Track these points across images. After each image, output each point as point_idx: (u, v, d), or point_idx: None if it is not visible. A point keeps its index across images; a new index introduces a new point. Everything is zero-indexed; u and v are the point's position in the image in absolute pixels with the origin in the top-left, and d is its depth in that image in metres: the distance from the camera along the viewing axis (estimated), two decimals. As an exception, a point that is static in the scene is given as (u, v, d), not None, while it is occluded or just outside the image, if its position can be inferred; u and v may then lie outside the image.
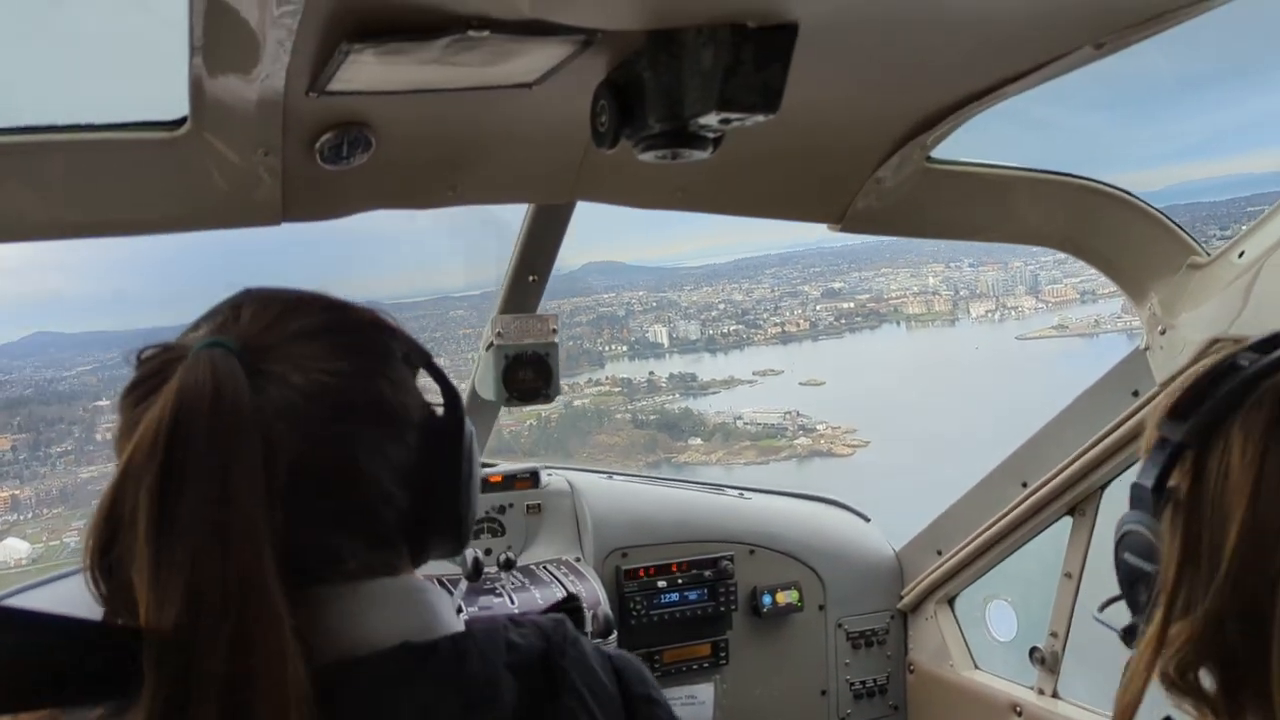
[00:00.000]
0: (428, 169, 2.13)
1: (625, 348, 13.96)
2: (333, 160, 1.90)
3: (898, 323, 15.29)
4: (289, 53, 1.47)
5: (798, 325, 15.13)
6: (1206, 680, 1.11)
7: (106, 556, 1.04)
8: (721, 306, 15.13)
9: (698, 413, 14.49)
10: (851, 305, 15.45)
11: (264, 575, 1.01)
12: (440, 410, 1.23)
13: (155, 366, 1.09)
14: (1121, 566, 1.25)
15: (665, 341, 14.03)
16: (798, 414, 14.09)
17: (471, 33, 1.47)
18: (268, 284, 1.22)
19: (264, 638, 1.00)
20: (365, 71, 1.58)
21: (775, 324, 15.15)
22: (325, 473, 1.09)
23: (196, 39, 1.47)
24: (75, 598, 1.08)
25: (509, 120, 2.01)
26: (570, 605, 1.88)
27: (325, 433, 1.09)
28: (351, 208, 2.16)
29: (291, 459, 1.05)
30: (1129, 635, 1.27)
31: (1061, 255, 2.80)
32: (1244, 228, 2.43)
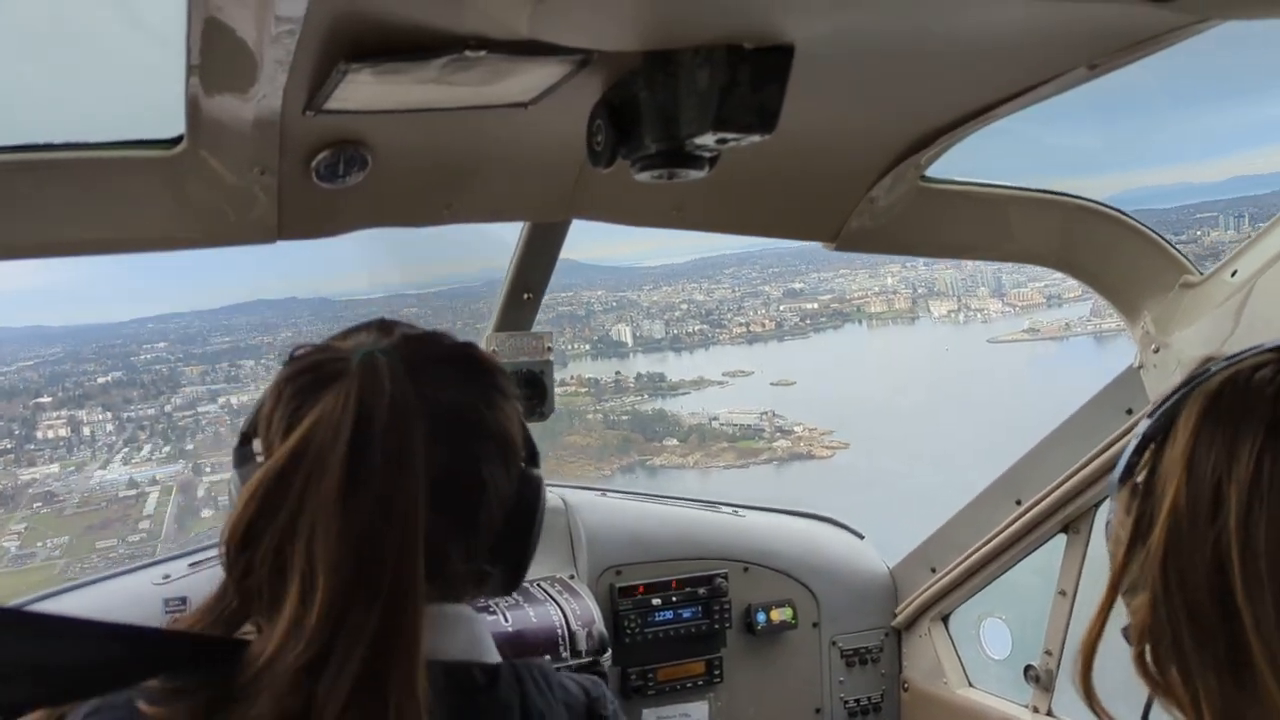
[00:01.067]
0: (424, 187, 2.14)
1: (588, 346, 13.94)
2: (329, 178, 1.91)
3: (860, 322, 15.37)
4: (286, 72, 1.47)
5: (763, 325, 15.19)
6: (1171, 670, 1.14)
7: (250, 533, 1.15)
8: (684, 306, 15.19)
9: (672, 413, 14.49)
10: (815, 305, 15.52)
11: (418, 554, 1.14)
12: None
13: (315, 362, 1.23)
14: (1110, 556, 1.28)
15: (629, 341, 14.04)
16: (774, 415, 14.10)
17: (469, 53, 1.47)
18: (206, 270, 1.34)
19: (407, 623, 1.13)
20: (362, 91, 1.59)
21: (740, 324, 15.22)
22: (459, 481, 1.23)
23: (194, 59, 1.47)
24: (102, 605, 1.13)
25: (505, 139, 2.02)
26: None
27: (463, 447, 1.24)
28: (347, 226, 2.16)
29: (436, 463, 1.18)
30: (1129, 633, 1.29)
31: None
32: (1232, 245, 2.45)
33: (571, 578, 3.41)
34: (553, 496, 3.57)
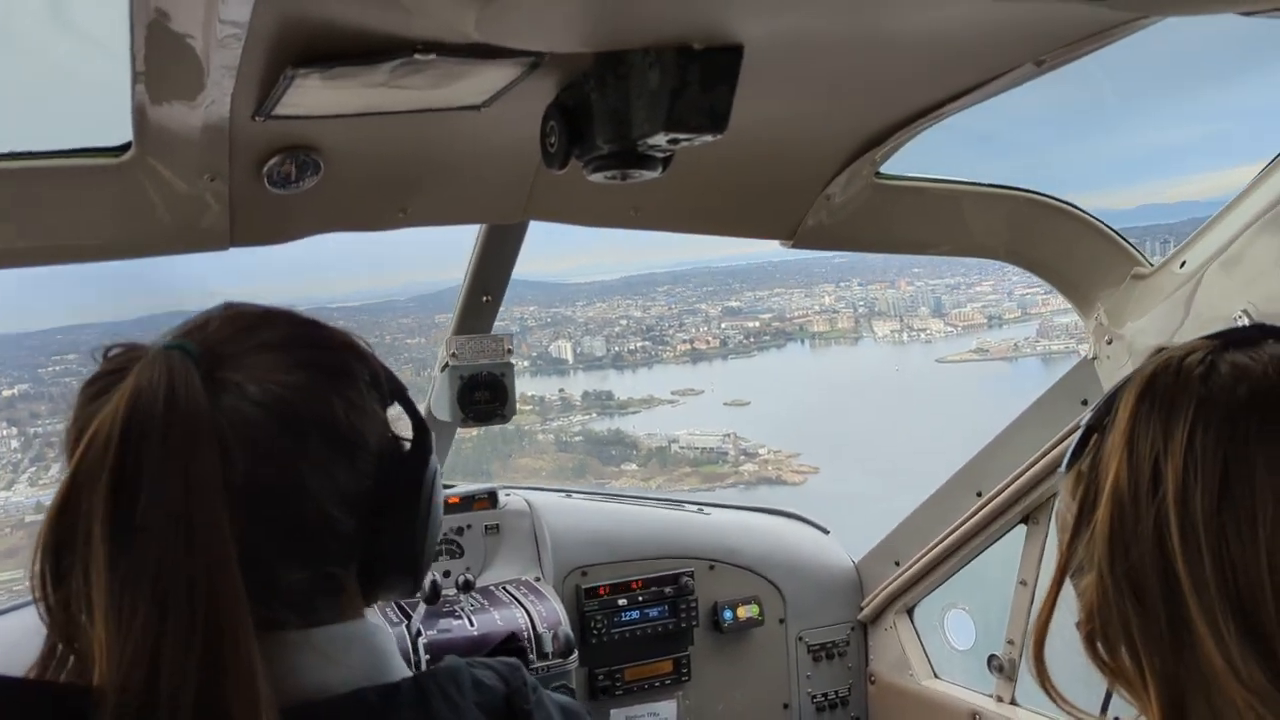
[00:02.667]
0: (378, 191, 2.12)
1: (527, 363, 13.62)
2: (281, 184, 1.89)
3: (803, 341, 15.32)
4: (233, 78, 1.45)
5: (707, 343, 15.06)
6: (1120, 652, 1.16)
7: (58, 567, 1.00)
8: (623, 323, 15.01)
9: (629, 434, 14.15)
10: (757, 324, 15.44)
11: (233, 578, 0.98)
12: (408, 445, 1.20)
13: (116, 364, 1.07)
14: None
15: (570, 358, 13.80)
16: (736, 436, 13.93)
17: (418, 56, 1.46)
18: (118, 280, 1.21)
19: (236, 653, 0.98)
20: (312, 96, 1.57)
21: (684, 341, 15.07)
22: (270, 487, 1.06)
23: (139, 65, 1.45)
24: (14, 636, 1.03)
25: (459, 141, 2.01)
26: (514, 645, 1.84)
27: (272, 446, 1.06)
28: (301, 231, 2.14)
29: (241, 469, 1.03)
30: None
31: (955, 280, 2.86)
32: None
33: (537, 579, 3.40)
34: (517, 499, 3.57)
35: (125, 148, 1.77)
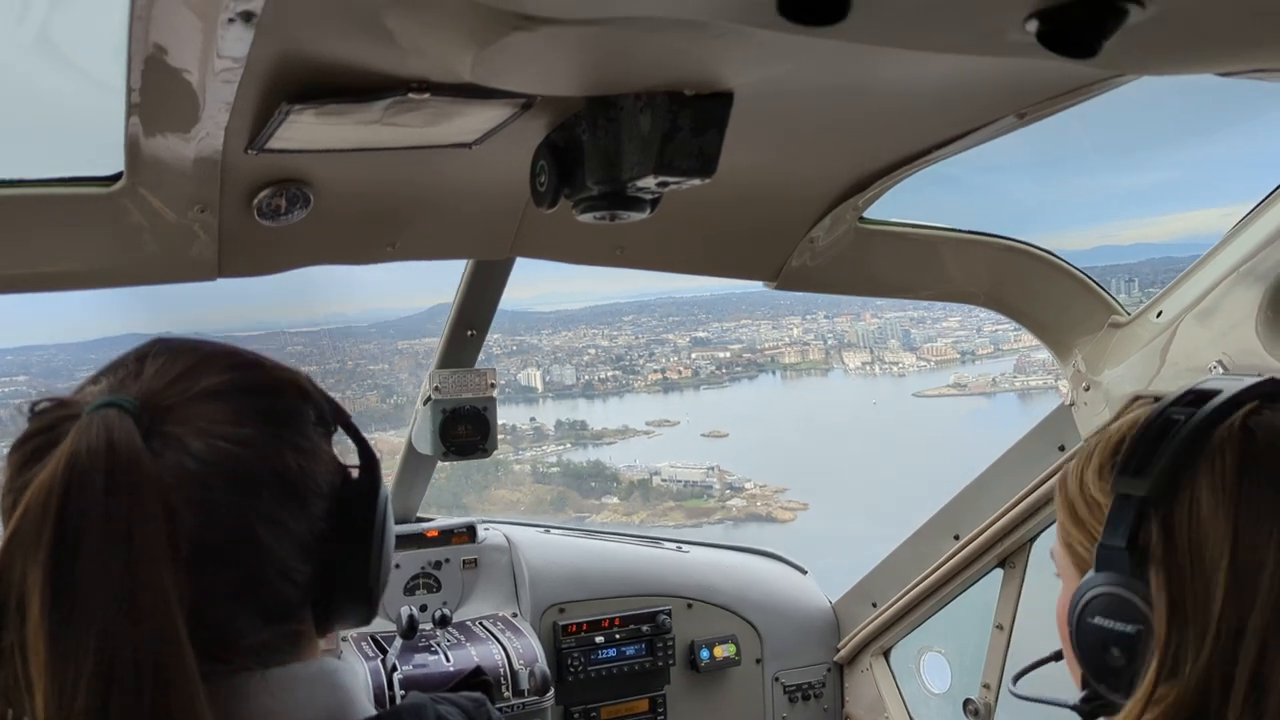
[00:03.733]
0: (367, 225, 2.14)
1: (495, 391, 13.39)
2: (271, 217, 1.90)
3: (774, 372, 15.23)
4: (228, 112, 1.47)
5: (679, 373, 14.93)
6: None
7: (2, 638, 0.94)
8: (592, 351, 14.85)
9: (608, 466, 13.88)
10: (727, 354, 15.35)
11: (180, 651, 0.94)
12: (355, 472, 1.17)
13: (47, 423, 1.02)
14: (1088, 631, 1.20)
15: (539, 386, 13.62)
16: (719, 470, 13.74)
17: (412, 95, 1.48)
18: (71, 302, 1.13)
19: (185, 717, 0.94)
20: (305, 131, 1.59)
21: (655, 371, 14.93)
22: (222, 546, 1.01)
23: (134, 98, 1.47)
24: None
25: (449, 178, 2.03)
26: (479, 679, 1.79)
27: (223, 503, 1.01)
28: (289, 263, 2.15)
29: (191, 528, 0.98)
30: (1091, 704, 1.24)
31: (919, 314, 2.91)
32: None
33: (514, 615, 3.39)
34: (496, 533, 3.55)
35: (116, 178, 1.78)
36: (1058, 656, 1.40)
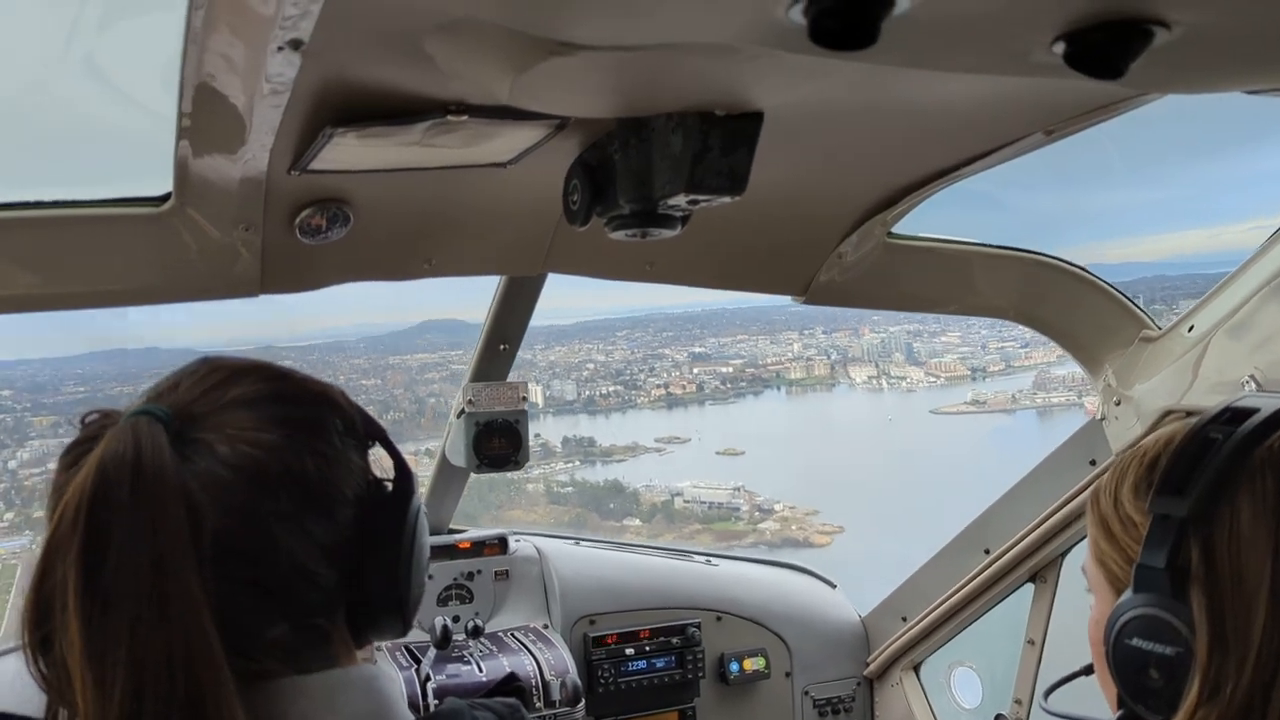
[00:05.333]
0: (404, 243, 2.18)
1: (526, 404, 13.04)
2: (312, 235, 1.95)
3: (779, 388, 14.93)
4: (274, 135, 1.52)
5: (683, 388, 14.63)
6: None
7: (42, 637, 1.02)
8: (590, 367, 14.58)
9: (626, 486, 13.33)
10: (730, 369, 15.07)
11: (209, 643, 0.98)
12: (390, 485, 1.21)
13: (91, 432, 1.08)
14: (1126, 651, 1.19)
15: (540, 401, 13.41)
16: (745, 490, 13.21)
17: (450, 117, 1.52)
18: (56, 316, 1.18)
19: (220, 716, 0.98)
20: (347, 152, 1.63)
21: (658, 386, 14.63)
22: (243, 546, 1.06)
23: (184, 122, 1.52)
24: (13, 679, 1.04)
25: (484, 197, 2.07)
26: (514, 685, 1.82)
27: (244, 505, 1.06)
28: (328, 280, 2.20)
29: (214, 530, 1.02)
30: None
31: (916, 328, 2.91)
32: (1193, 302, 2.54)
33: (545, 627, 3.41)
34: (527, 545, 3.59)
35: (165, 198, 1.83)
36: (1089, 671, 1.40)
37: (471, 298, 2.88)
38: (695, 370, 14.86)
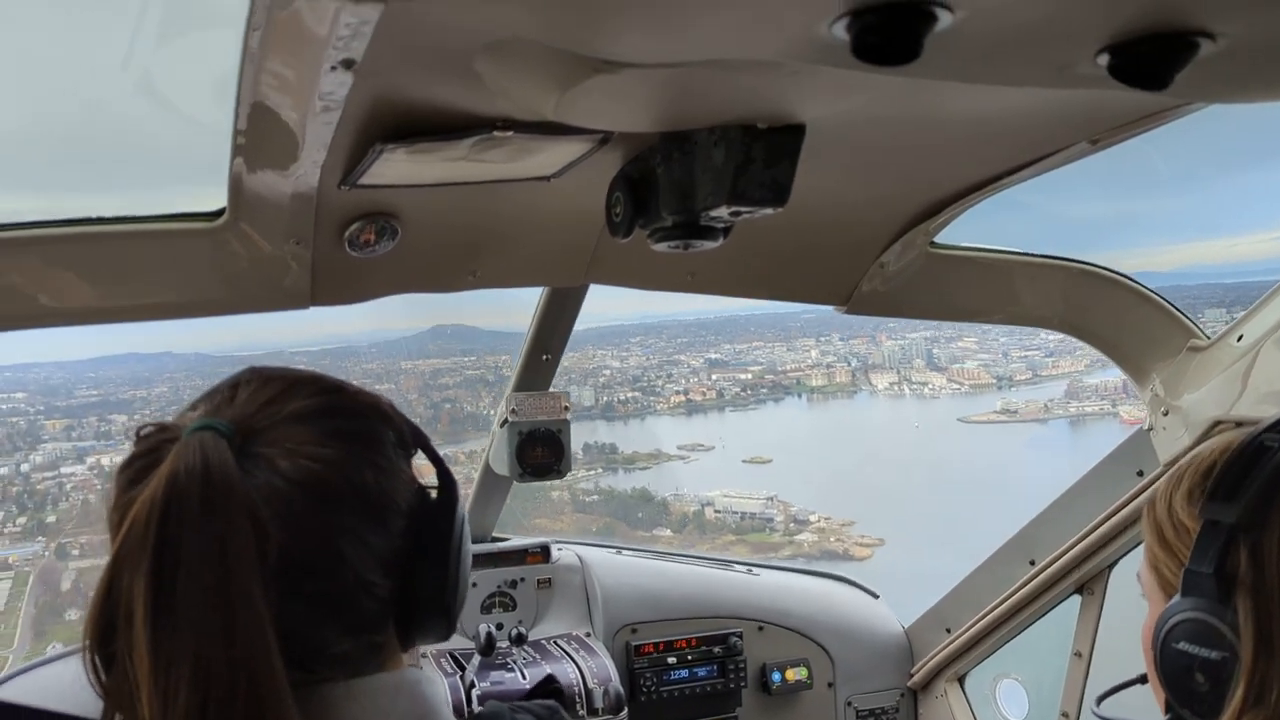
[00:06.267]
0: (450, 255, 2.22)
1: (569, 414, 12.81)
2: (361, 248, 1.99)
3: (799, 394, 14.68)
4: (325, 151, 1.55)
5: (702, 394, 14.42)
6: None
7: (106, 647, 1.03)
8: (606, 373, 14.43)
9: (654, 495, 13.07)
10: (749, 376, 14.84)
11: (270, 658, 1.01)
12: (434, 492, 1.23)
13: (150, 445, 1.09)
14: (1172, 655, 1.20)
15: None
16: (779, 501, 12.95)
17: (497, 133, 1.56)
18: None
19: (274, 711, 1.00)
20: (395, 167, 1.67)
21: (677, 393, 14.40)
22: (307, 560, 1.08)
23: (239, 140, 1.56)
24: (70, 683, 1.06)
25: (528, 209, 2.10)
26: (551, 687, 1.84)
27: (307, 520, 1.08)
28: (377, 292, 2.24)
29: (278, 544, 1.04)
30: None
31: (932, 334, 2.88)
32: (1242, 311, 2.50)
33: (588, 635, 3.43)
34: (569, 553, 3.61)
35: (219, 213, 1.88)
36: (1143, 679, 1.40)
37: (480, 304, 2.90)
38: (714, 376, 14.70)
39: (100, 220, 1.87)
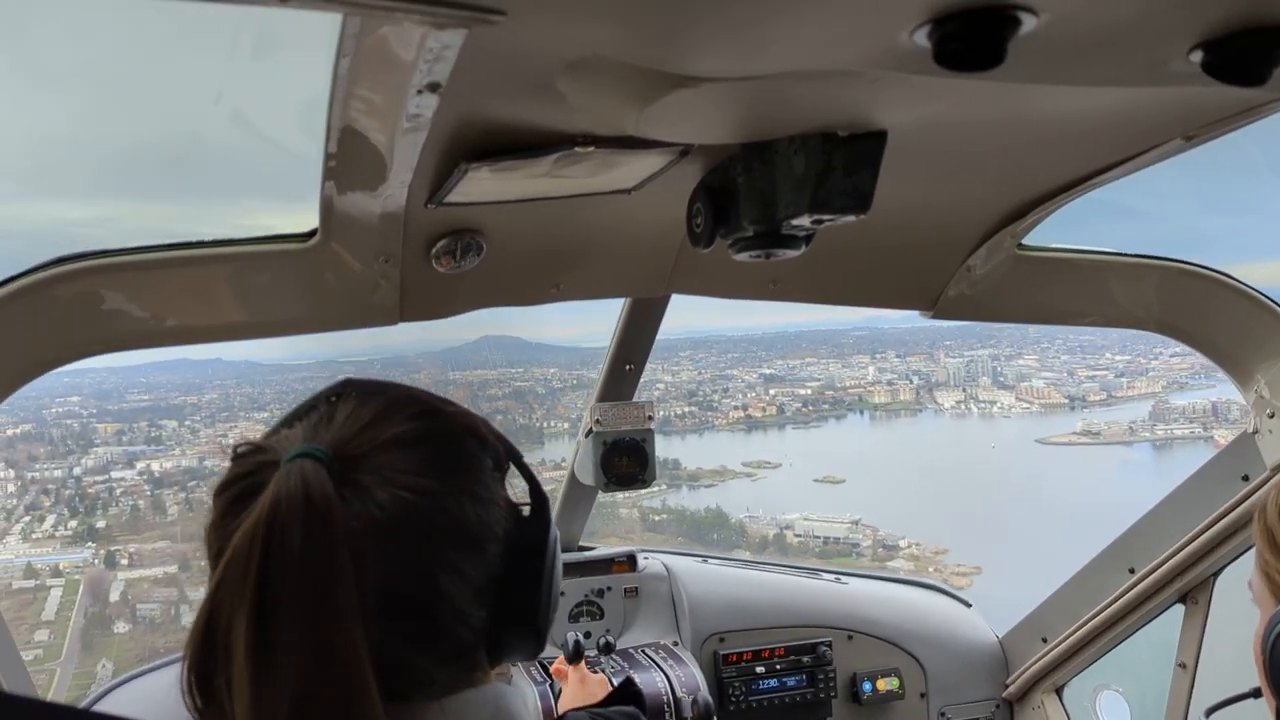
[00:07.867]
0: (534, 269, 2.25)
1: (567, 425, 12.78)
2: (447, 264, 2.03)
3: (861, 411, 14.30)
4: (412, 171, 1.60)
5: (762, 410, 14.12)
6: None
7: (205, 674, 1.04)
8: (661, 386, 14.18)
9: (728, 515, 12.74)
10: (808, 391, 14.49)
11: (369, 693, 1.00)
12: (525, 509, 1.23)
13: (248, 468, 1.09)
14: None
15: None
16: (866, 525, 12.55)
17: (578, 148, 1.58)
18: None
19: None
20: (480, 185, 1.71)
21: (736, 408, 14.09)
22: (406, 594, 1.08)
23: (331, 163, 1.61)
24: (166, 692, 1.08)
25: (609, 222, 2.12)
26: (631, 690, 1.85)
27: (406, 553, 1.07)
28: (463, 307, 2.29)
29: (376, 579, 1.04)
30: None
31: (990, 351, 2.80)
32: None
33: (676, 644, 3.43)
34: (655, 562, 3.62)
35: (312, 234, 1.94)
36: (1256, 694, 1.36)
37: (525, 315, 2.92)
38: (772, 392, 14.49)
39: (200, 244, 1.94)
